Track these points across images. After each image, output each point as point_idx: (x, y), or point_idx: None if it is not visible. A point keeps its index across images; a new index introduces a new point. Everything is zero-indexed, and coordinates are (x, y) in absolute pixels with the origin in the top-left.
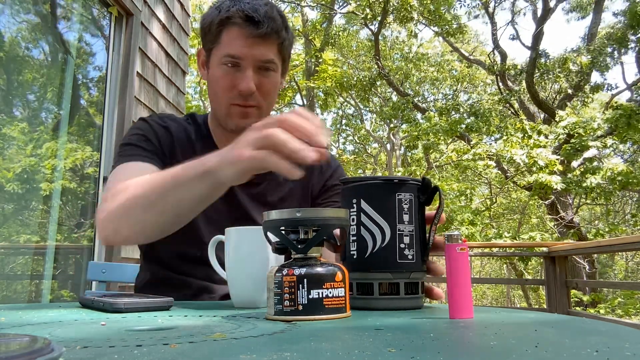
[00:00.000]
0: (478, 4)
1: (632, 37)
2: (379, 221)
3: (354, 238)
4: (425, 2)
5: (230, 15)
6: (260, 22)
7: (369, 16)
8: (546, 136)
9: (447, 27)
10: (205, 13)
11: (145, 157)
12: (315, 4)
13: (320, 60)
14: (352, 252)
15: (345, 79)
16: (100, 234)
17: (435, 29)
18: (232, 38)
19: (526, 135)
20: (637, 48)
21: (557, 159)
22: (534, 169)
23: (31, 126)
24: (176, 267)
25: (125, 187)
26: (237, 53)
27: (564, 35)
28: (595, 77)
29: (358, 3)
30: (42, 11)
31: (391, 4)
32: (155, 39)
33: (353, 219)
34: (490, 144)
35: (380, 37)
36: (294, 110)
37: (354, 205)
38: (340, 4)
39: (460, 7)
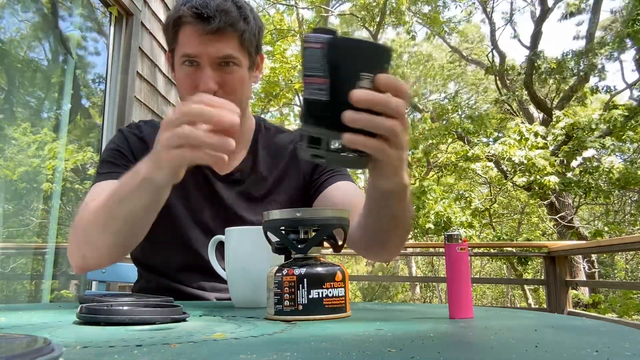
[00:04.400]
0: (475, 3)
1: (630, 42)
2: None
3: None
4: (420, 2)
5: (181, 15)
6: (212, 17)
7: (367, 18)
8: (544, 137)
9: (443, 27)
10: (167, 14)
11: (118, 173)
12: (310, 6)
13: None
14: None
15: None
16: (72, 263)
17: (431, 29)
18: (187, 37)
19: (523, 137)
20: (637, 55)
21: (554, 160)
22: (532, 170)
23: (32, 127)
24: (170, 275)
25: (85, 212)
26: (192, 52)
27: (564, 32)
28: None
29: (354, 3)
30: (43, 11)
31: (389, 5)
32: (156, 39)
33: None
34: (489, 144)
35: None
36: (195, 99)
37: None
38: (334, 4)
39: (456, 7)
